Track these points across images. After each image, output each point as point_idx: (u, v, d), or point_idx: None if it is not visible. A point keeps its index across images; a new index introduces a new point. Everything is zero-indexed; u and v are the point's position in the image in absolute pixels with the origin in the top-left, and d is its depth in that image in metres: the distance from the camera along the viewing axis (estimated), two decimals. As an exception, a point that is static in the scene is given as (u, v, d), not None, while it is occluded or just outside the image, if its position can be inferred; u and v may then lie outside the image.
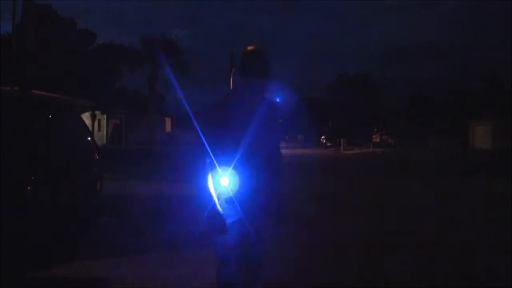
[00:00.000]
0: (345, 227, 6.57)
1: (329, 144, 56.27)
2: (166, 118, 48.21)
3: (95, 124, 33.92)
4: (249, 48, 2.52)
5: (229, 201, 2.35)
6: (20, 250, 4.32)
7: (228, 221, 2.34)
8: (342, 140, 43.51)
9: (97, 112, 33.73)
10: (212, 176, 2.36)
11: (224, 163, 2.35)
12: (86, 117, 25.50)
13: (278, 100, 2.93)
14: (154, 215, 7.40)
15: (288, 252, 4.90)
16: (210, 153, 2.35)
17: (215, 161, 2.35)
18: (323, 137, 66.16)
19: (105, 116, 37.11)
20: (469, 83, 50.63)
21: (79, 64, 28.76)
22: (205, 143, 2.35)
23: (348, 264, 4.63)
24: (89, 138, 5.99)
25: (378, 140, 54.17)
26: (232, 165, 2.34)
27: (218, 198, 2.35)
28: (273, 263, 3.82)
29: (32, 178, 4.44)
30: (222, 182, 2.34)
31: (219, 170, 2.34)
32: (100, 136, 34.86)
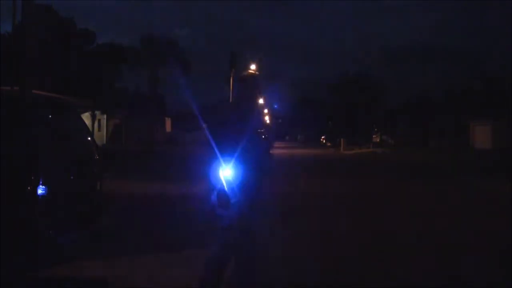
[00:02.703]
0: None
1: (329, 144, 56.18)
2: (166, 118, 48.22)
3: (95, 124, 33.91)
4: (245, 74, 3.47)
5: (232, 186, 3.11)
6: (20, 250, 4.32)
7: (232, 201, 3.09)
8: (342, 140, 43.45)
9: (97, 112, 33.72)
10: (220, 169, 3.09)
11: (228, 159, 3.10)
12: (86, 117, 25.47)
13: (275, 106, 3.71)
14: (153, 215, 7.41)
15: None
16: (218, 152, 3.09)
17: (221, 158, 3.10)
18: (323, 137, 66.12)
19: (105, 116, 37.10)
20: (469, 83, 50.44)
21: (79, 64, 28.76)
22: (214, 145, 3.10)
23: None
24: (89, 138, 6.00)
25: (378, 140, 54.05)
26: (232, 161, 3.10)
27: (225, 183, 3.09)
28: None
29: (32, 178, 4.44)
30: (226, 173, 3.10)
31: (225, 164, 3.09)
32: (100, 136, 34.86)
